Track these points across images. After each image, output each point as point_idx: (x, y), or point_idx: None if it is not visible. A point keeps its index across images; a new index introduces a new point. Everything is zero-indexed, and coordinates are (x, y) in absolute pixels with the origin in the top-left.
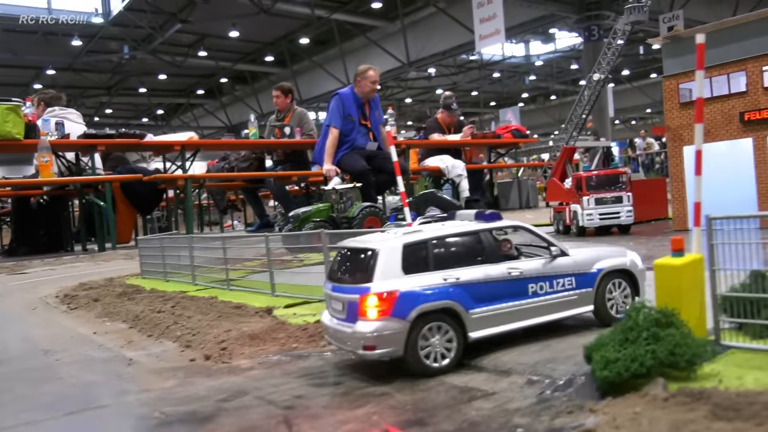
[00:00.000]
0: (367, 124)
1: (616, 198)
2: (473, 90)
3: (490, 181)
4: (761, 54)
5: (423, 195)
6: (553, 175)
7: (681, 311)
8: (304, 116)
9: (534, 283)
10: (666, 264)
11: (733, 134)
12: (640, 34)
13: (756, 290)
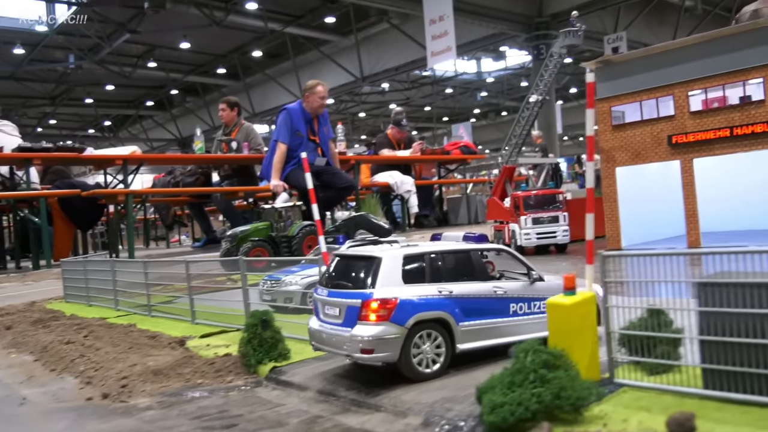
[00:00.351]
0: (315, 140)
1: (553, 218)
2: (426, 105)
3: (440, 197)
4: (687, 80)
5: (353, 218)
6: (493, 194)
7: (572, 351)
8: (250, 131)
9: (515, 303)
10: (556, 303)
11: (662, 156)
12: (587, 54)
13: (650, 327)
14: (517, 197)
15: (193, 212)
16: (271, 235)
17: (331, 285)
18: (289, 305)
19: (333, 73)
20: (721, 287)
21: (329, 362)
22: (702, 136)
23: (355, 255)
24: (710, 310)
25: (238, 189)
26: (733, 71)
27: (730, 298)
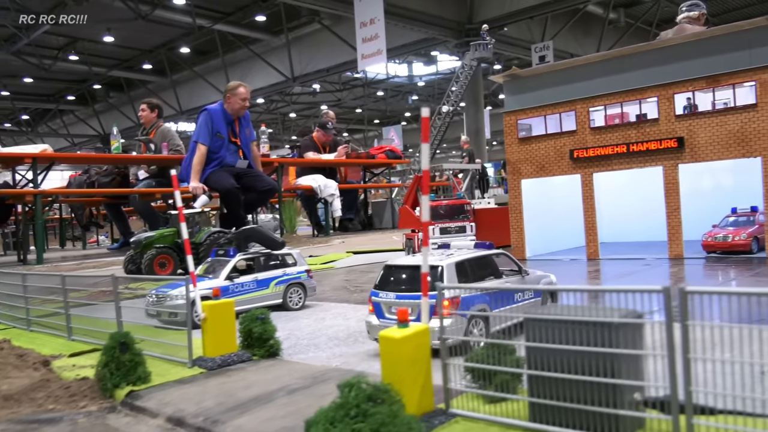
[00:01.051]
0: (236, 142)
1: (460, 227)
2: (357, 107)
3: (365, 201)
4: (588, 96)
5: (244, 231)
6: (405, 202)
7: (403, 384)
8: (168, 132)
9: (517, 293)
10: (387, 337)
11: (565, 170)
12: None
13: (491, 358)
14: None
15: (110, 213)
16: (178, 241)
17: (398, 290)
18: (174, 320)
19: (263, 72)
20: (541, 323)
21: (187, 385)
22: (601, 151)
23: (412, 265)
24: (532, 345)
25: (154, 190)
26: (630, 90)
27: (548, 334)
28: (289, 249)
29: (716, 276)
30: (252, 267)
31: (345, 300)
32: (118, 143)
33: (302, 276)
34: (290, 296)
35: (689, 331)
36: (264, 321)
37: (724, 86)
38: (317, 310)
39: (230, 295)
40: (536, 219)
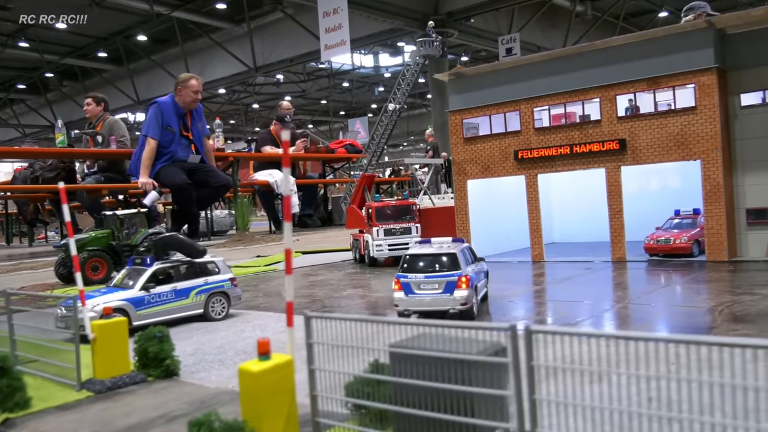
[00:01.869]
0: (188, 136)
1: (405, 229)
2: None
3: (324, 196)
4: (532, 96)
5: (162, 239)
6: (352, 202)
7: (263, 420)
8: (115, 125)
9: (483, 273)
10: (246, 371)
11: (510, 171)
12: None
13: (358, 393)
14: (370, 207)
15: (56, 209)
16: (112, 244)
17: (425, 271)
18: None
19: (225, 62)
20: (404, 357)
21: (68, 412)
22: (545, 152)
23: (435, 253)
24: (394, 380)
25: (101, 186)
26: (574, 90)
27: (411, 369)
28: (212, 256)
29: (654, 280)
30: (171, 276)
31: (273, 308)
32: (62, 136)
33: (225, 284)
34: (212, 306)
35: (534, 372)
36: (161, 339)
37: (665, 88)
38: (239, 321)
39: (146, 307)
40: (483, 220)
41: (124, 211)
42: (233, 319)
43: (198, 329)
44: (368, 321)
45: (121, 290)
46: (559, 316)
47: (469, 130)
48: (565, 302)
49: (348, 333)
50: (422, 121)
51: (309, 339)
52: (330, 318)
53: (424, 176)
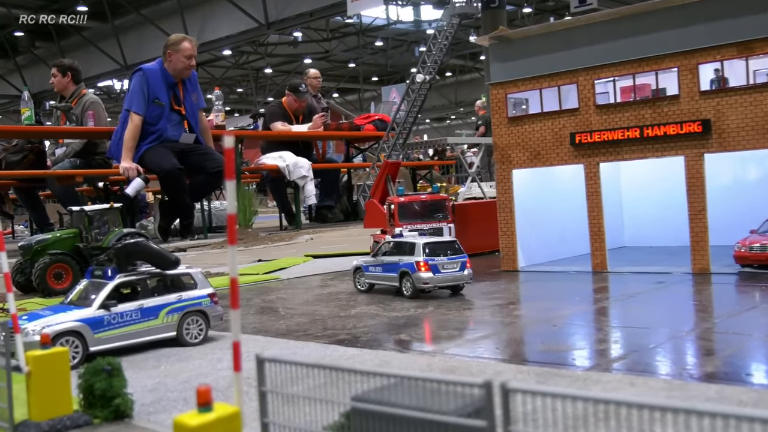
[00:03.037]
0: (180, 110)
1: (435, 230)
2: (350, 61)
3: (348, 184)
4: (593, 65)
5: (125, 247)
6: (371, 195)
7: None
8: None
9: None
10: (181, 424)
11: (565, 158)
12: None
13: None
14: (392, 202)
15: (21, 199)
16: (79, 246)
17: (445, 254)
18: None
19: (230, 17)
20: (369, 414)
21: None
22: (609, 135)
23: (443, 241)
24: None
25: (75, 172)
26: (645, 58)
27: (377, 427)
28: (188, 267)
29: (745, 300)
30: (137, 292)
31: (263, 330)
32: (29, 111)
33: (203, 302)
34: (187, 328)
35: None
36: (110, 373)
37: (761, 55)
38: (218, 346)
39: (106, 329)
40: (531, 219)
41: (93, 206)
42: (212, 343)
43: (168, 356)
44: (332, 368)
45: (76, 308)
46: (606, 350)
47: (515, 107)
48: (624, 329)
49: (310, 380)
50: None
51: (262, 386)
52: (286, 362)
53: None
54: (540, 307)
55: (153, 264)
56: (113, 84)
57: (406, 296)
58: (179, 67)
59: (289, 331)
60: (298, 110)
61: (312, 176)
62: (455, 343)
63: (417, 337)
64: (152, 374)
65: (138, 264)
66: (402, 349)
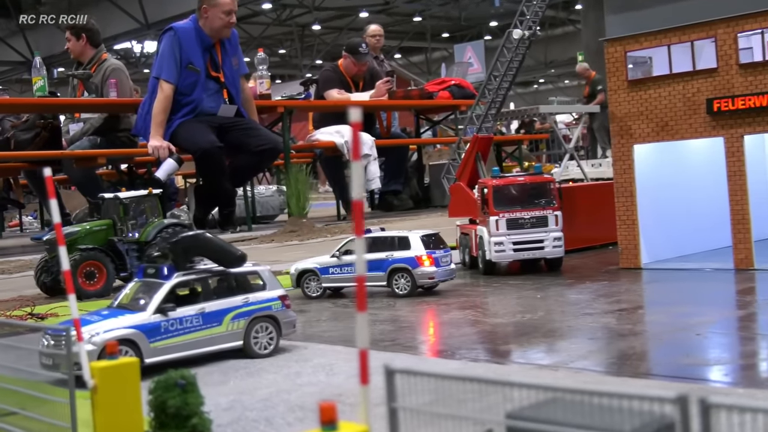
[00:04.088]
0: (218, 77)
1: (538, 219)
2: (415, 14)
3: (419, 164)
4: (735, 15)
5: (184, 240)
6: (458, 178)
7: None
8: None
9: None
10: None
11: (699, 130)
12: None
13: None
14: (486, 186)
15: (33, 184)
16: (113, 240)
17: (437, 248)
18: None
19: None
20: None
21: None
22: (756, 101)
23: (431, 233)
24: None
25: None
26: None
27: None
28: (254, 264)
29: None
30: (197, 294)
31: (343, 339)
32: (42, 80)
33: (274, 305)
34: (255, 336)
35: None
36: (185, 389)
37: None
38: (293, 358)
39: (163, 337)
40: (657, 205)
41: (128, 193)
42: (284, 355)
43: (235, 370)
44: (479, 380)
45: (128, 313)
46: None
47: (637, 68)
48: None
49: (450, 393)
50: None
51: (391, 402)
52: (422, 374)
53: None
54: (675, 313)
55: (215, 260)
56: (132, 46)
57: (400, 295)
58: (217, 25)
59: (374, 340)
60: (358, 75)
61: (375, 155)
62: (578, 354)
63: (530, 347)
64: (222, 391)
65: (196, 261)
66: (515, 362)
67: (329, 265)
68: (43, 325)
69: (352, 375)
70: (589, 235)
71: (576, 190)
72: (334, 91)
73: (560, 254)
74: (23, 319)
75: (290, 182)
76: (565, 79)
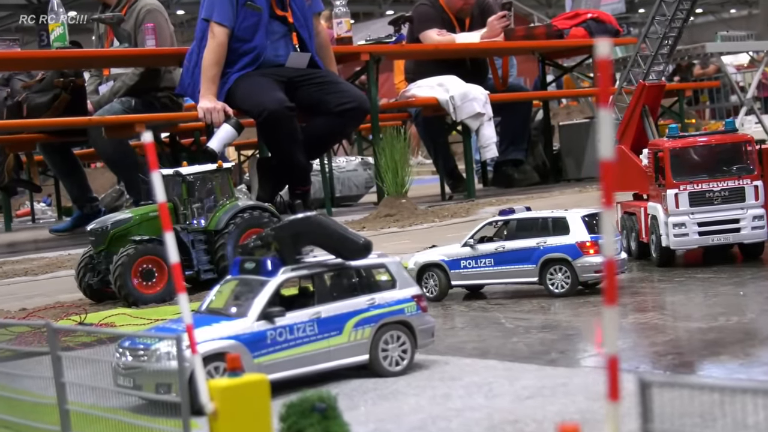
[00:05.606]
0: (286, 17)
1: (733, 192)
2: None
3: (546, 125)
4: None
5: (292, 224)
6: (619, 141)
7: None
8: (150, 15)
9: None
10: None
11: None
12: None
13: None
14: (661, 149)
15: (51, 161)
16: (175, 228)
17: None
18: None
19: None
20: None
21: None
22: None
23: (595, 212)
24: None
25: (137, 117)
26: None
27: None
28: (380, 255)
29: None
30: (309, 294)
31: (495, 351)
32: (62, 28)
33: (407, 308)
34: (384, 348)
35: None
36: (326, 415)
37: None
38: (436, 376)
39: (270, 350)
40: None
41: (193, 167)
42: (421, 372)
43: (363, 392)
44: None
45: (223, 319)
46: None
47: None
48: None
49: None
50: None
51: (646, 424)
52: (693, 387)
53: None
54: None
55: (332, 251)
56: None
57: (555, 294)
58: None
59: (533, 352)
60: (464, 10)
61: (490, 114)
62: None
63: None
64: (356, 418)
65: (307, 250)
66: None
67: (461, 257)
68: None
69: (520, 396)
70: None
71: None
72: (434, 32)
73: (762, 237)
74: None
75: (384, 152)
76: (731, 7)
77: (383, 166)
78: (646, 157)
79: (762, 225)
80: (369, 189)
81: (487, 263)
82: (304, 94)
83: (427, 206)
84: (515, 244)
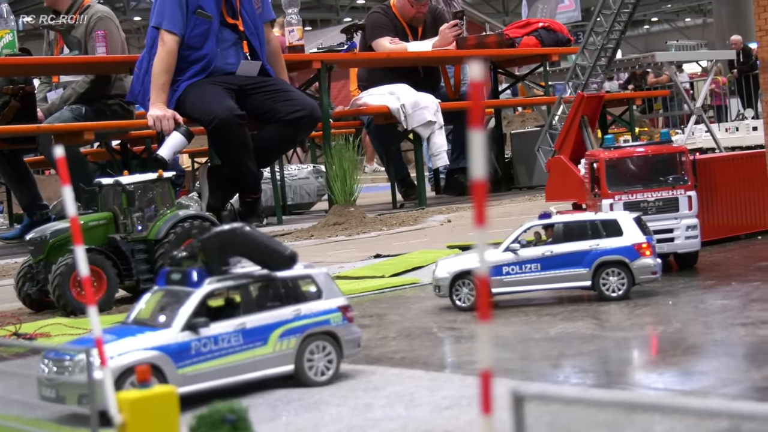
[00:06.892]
0: (237, 25)
1: (666, 202)
2: None
3: (497, 133)
4: None
5: (219, 235)
6: (557, 150)
7: None
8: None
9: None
10: None
11: None
12: None
13: None
14: (596, 159)
15: (0, 169)
16: (115, 238)
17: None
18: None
19: None
20: None
21: None
22: None
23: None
24: None
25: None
26: None
27: None
28: (306, 266)
29: None
30: (235, 305)
31: (420, 362)
32: (11, 34)
33: (333, 318)
34: (310, 359)
35: None
36: (236, 426)
37: None
38: (358, 386)
39: (195, 360)
40: None
41: (133, 177)
42: (346, 382)
43: (286, 402)
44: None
45: (148, 330)
46: None
47: None
48: None
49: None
50: None
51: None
52: (562, 400)
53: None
54: None
55: (258, 261)
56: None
57: (612, 298)
58: None
59: (461, 363)
60: (417, 18)
61: (442, 122)
62: (730, 376)
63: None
64: (276, 429)
65: (234, 261)
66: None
67: (503, 263)
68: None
69: (439, 406)
70: (732, 221)
71: (714, 163)
72: (386, 40)
73: (695, 247)
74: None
75: (333, 160)
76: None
77: (332, 174)
78: (584, 167)
79: (696, 235)
80: (321, 197)
81: (533, 268)
82: (255, 102)
83: (377, 214)
84: (565, 248)
